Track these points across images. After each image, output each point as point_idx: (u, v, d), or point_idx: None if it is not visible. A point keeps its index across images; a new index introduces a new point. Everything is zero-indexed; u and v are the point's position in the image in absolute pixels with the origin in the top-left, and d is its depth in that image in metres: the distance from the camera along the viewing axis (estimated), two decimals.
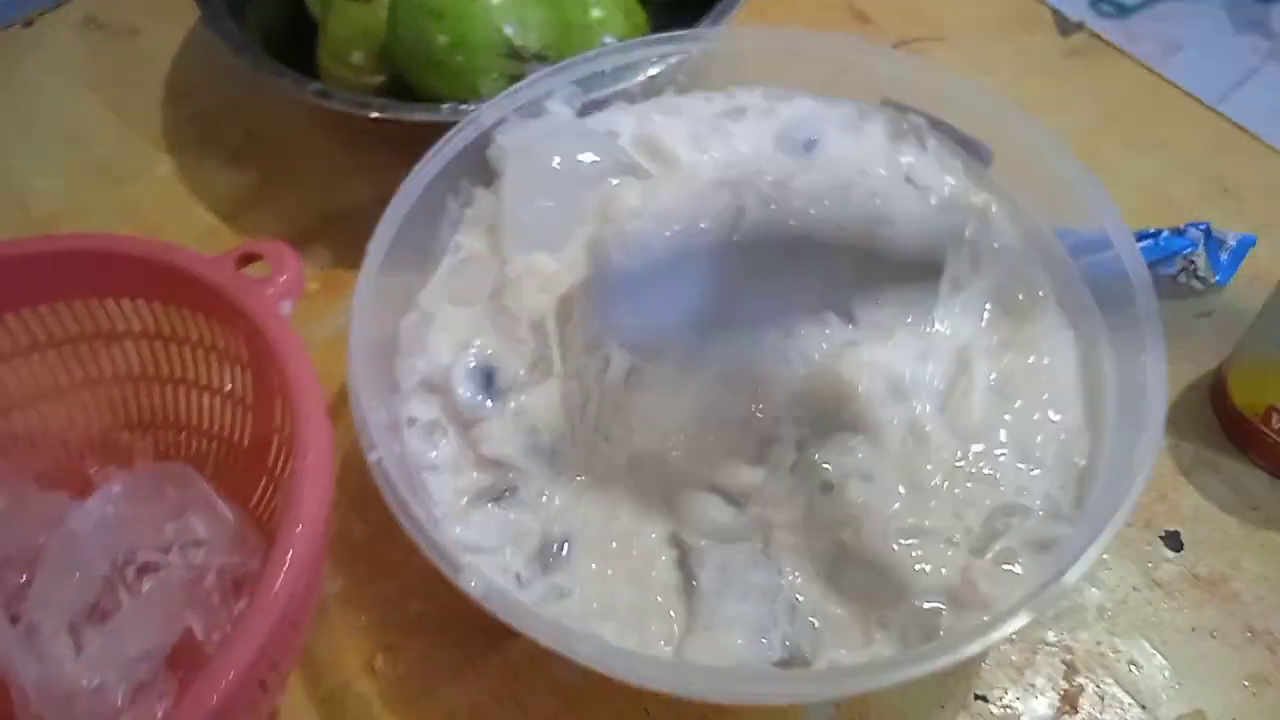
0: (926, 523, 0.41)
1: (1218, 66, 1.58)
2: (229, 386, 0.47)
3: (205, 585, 0.44)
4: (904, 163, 0.51)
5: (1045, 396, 0.45)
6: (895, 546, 0.40)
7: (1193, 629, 0.47)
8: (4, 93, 0.69)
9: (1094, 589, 0.48)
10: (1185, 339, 0.55)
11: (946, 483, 0.42)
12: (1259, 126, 0.65)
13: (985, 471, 0.43)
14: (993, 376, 0.45)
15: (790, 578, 0.41)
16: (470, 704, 0.45)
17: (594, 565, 0.43)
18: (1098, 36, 0.69)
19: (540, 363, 0.45)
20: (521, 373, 0.45)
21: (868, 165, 0.50)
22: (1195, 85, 0.67)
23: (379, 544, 0.49)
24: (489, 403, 0.45)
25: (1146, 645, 0.46)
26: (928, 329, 0.45)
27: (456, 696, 0.45)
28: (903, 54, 0.63)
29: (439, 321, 0.47)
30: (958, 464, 0.43)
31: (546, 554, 0.43)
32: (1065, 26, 0.70)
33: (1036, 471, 0.43)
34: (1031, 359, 0.46)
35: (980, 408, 0.44)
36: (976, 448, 0.43)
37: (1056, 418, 0.45)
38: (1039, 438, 0.44)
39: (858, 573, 0.41)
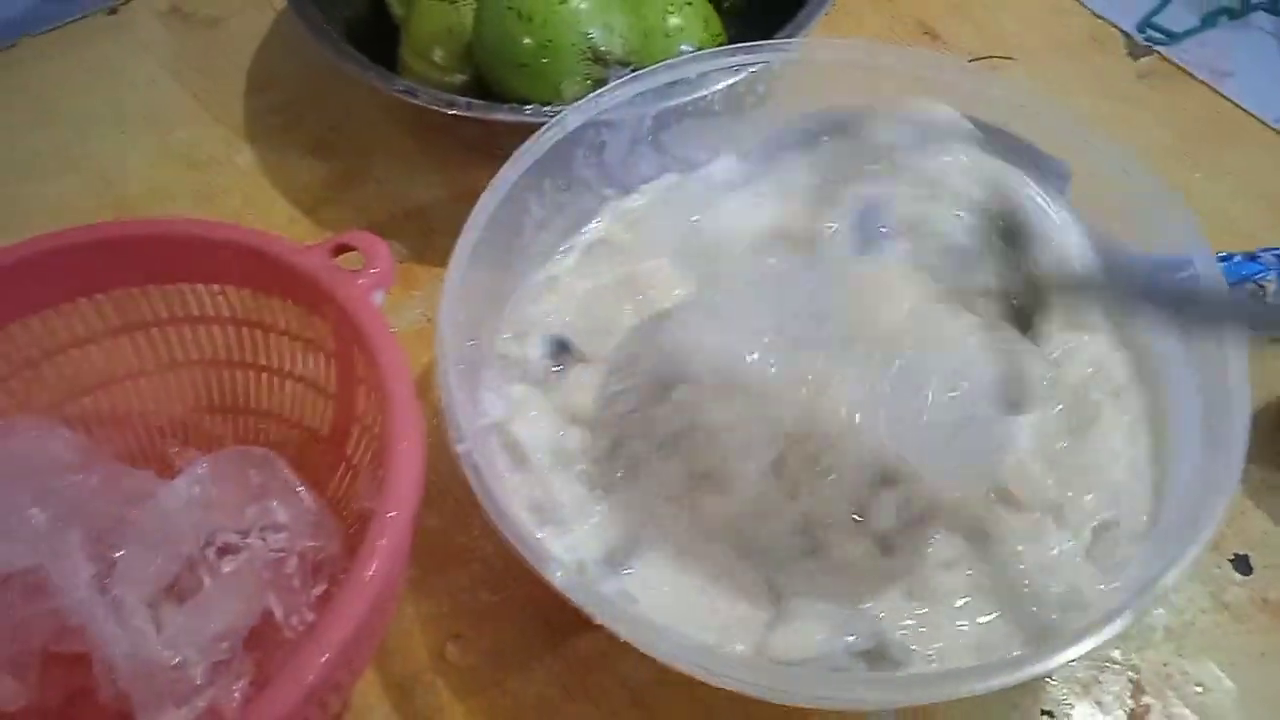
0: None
1: (1268, 92, 1.58)
2: (313, 375, 0.48)
3: (286, 569, 0.45)
4: None
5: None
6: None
7: (1262, 654, 0.47)
8: (89, 77, 0.70)
9: (1161, 610, 0.48)
10: (1256, 363, 0.55)
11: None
12: None
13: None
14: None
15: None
16: (538, 695, 0.46)
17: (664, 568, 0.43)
18: (1168, 60, 0.70)
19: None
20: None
21: None
22: (1266, 101, 0.67)
23: (451, 533, 0.50)
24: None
25: (1214, 668, 0.46)
26: None
27: (524, 688, 0.46)
28: (979, 68, 0.63)
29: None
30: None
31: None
32: (1136, 50, 0.70)
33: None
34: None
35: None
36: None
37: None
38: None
39: None
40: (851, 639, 0.40)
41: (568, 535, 0.45)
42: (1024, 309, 0.45)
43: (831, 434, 0.41)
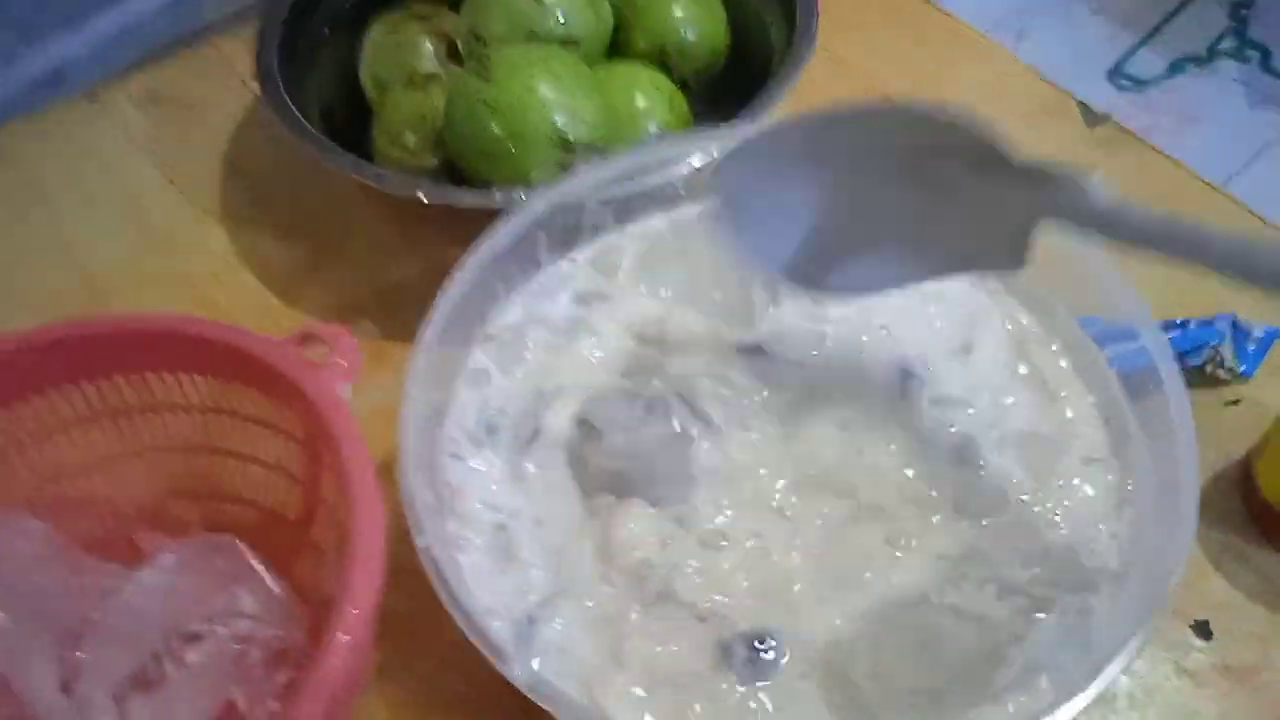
0: None
1: (1233, 141, 1.60)
2: (279, 460, 0.49)
3: (250, 657, 0.45)
4: None
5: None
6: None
7: (1223, 718, 0.47)
8: (68, 163, 0.71)
9: (1124, 677, 0.48)
10: (1213, 428, 0.56)
11: None
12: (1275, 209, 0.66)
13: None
14: None
15: None
16: None
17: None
18: (1124, 129, 0.71)
19: None
20: None
21: None
22: (1209, 158, 0.68)
23: (419, 619, 0.49)
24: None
25: None
26: None
27: None
28: None
29: None
30: None
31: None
32: (1091, 119, 0.71)
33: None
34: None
35: None
36: None
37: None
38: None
39: None
40: None
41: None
42: None
43: None
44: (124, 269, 0.66)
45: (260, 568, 0.47)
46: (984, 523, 0.45)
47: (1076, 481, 0.47)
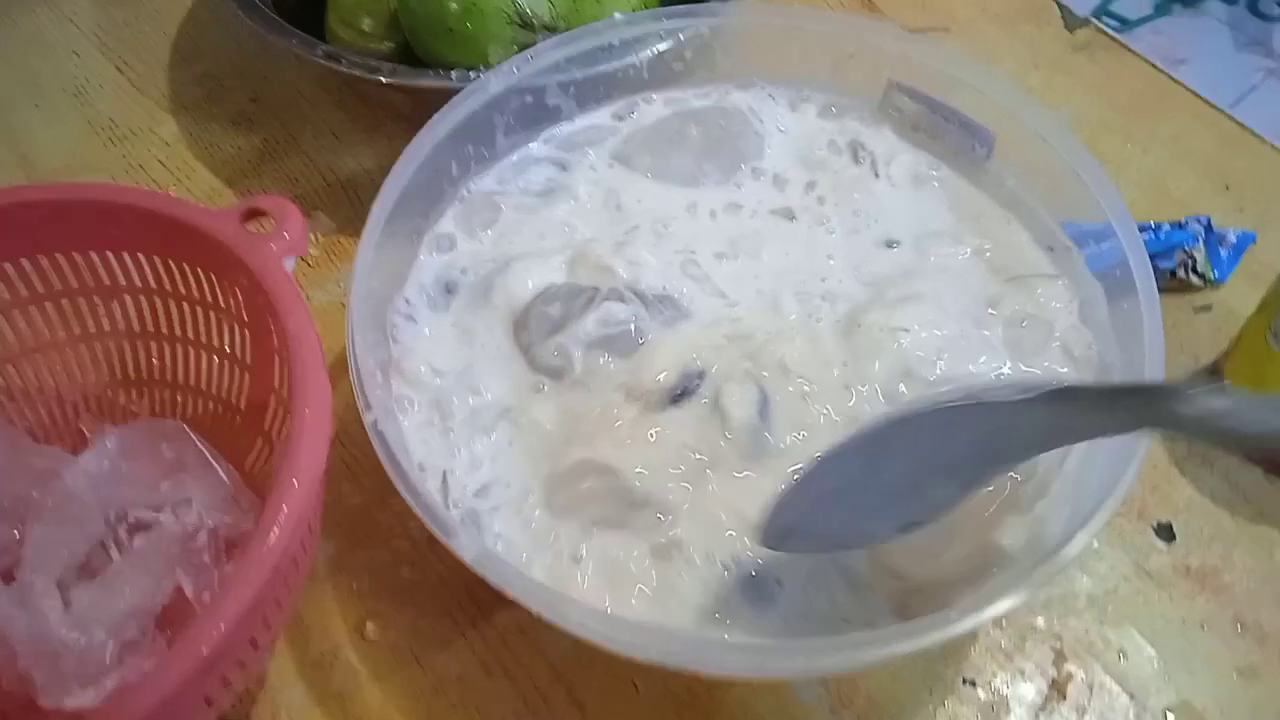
0: None
1: (1219, 83, 1.59)
2: (228, 346, 0.47)
3: (197, 544, 0.44)
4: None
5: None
6: None
7: (1183, 620, 0.47)
8: (10, 50, 0.69)
9: (1085, 577, 0.48)
10: (1183, 333, 0.55)
11: None
12: (1264, 127, 0.65)
13: None
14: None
15: None
16: (459, 672, 0.45)
17: None
18: (1104, 33, 0.70)
19: None
20: None
21: None
22: (1212, 81, 0.67)
23: (372, 510, 0.49)
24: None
25: (1136, 635, 0.46)
26: None
27: (445, 665, 0.45)
28: (911, 34, 0.62)
29: None
30: None
31: None
32: (1071, 22, 0.70)
33: None
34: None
35: None
36: None
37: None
38: None
39: None
40: None
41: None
42: None
43: None
44: (70, 158, 0.63)
45: (208, 454, 0.45)
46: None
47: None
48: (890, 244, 0.49)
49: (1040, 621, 0.47)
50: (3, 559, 0.43)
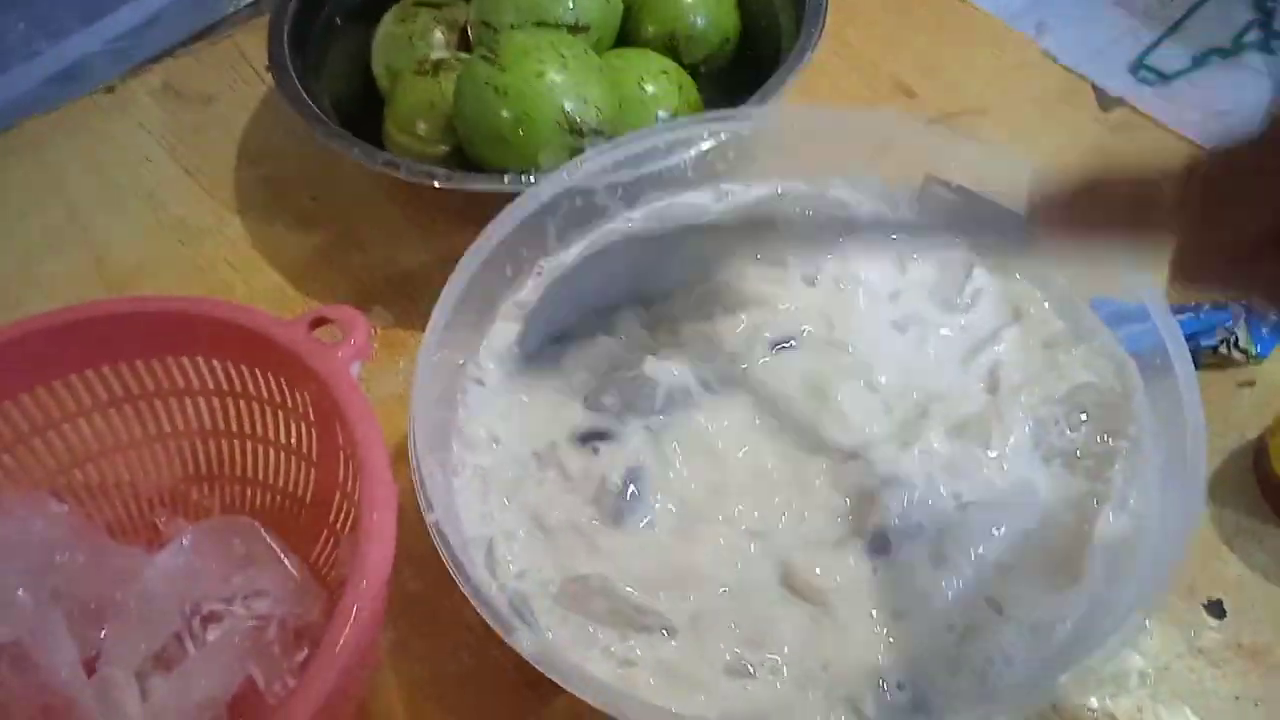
0: None
1: None
2: (295, 443, 0.49)
3: (267, 636, 0.46)
4: None
5: None
6: None
7: (1236, 698, 0.47)
8: (85, 155, 0.72)
9: (1137, 655, 0.48)
10: (1227, 408, 0.56)
11: None
12: None
13: None
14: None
15: None
16: None
17: None
18: (1138, 111, 0.71)
19: None
20: None
21: None
22: None
23: (432, 598, 0.50)
24: None
25: (1189, 713, 0.47)
26: None
27: None
28: (942, 128, 0.64)
29: None
30: None
31: None
32: (1106, 102, 0.71)
33: None
34: None
35: None
36: None
37: None
38: None
39: None
40: None
41: None
42: None
43: None
44: (141, 259, 0.67)
45: (277, 548, 0.47)
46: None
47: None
48: None
49: (1093, 701, 0.47)
50: (86, 652, 0.45)
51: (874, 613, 0.43)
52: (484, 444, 0.49)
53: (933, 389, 0.49)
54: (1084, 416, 0.48)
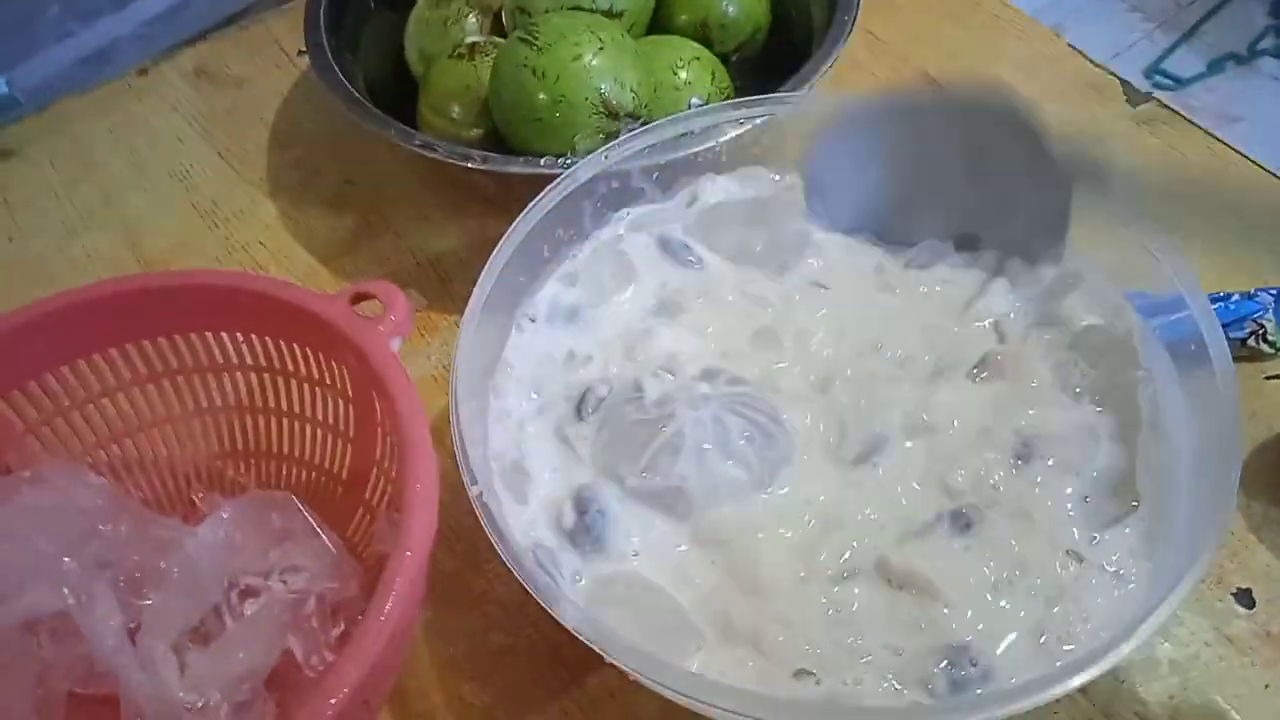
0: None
1: (1275, 138, 1.59)
2: (332, 419, 0.50)
3: (305, 610, 0.46)
4: None
5: None
6: None
7: (1266, 686, 0.47)
8: (120, 138, 0.73)
9: (1166, 643, 0.48)
10: (1255, 401, 0.56)
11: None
12: None
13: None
14: None
15: None
16: None
17: None
18: (1166, 106, 0.71)
19: None
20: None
21: None
22: (1255, 155, 0.68)
23: (466, 576, 0.51)
24: None
25: (1219, 700, 0.47)
26: None
27: None
28: None
29: None
30: None
31: None
32: (1134, 97, 0.71)
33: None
34: None
35: None
36: None
37: None
38: None
39: None
40: None
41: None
42: None
43: None
44: (174, 240, 0.67)
45: (314, 523, 0.48)
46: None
47: None
48: None
49: (1123, 690, 0.47)
50: (128, 625, 0.46)
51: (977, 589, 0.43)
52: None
53: (941, 345, 0.50)
54: (1098, 356, 0.49)
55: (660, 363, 0.50)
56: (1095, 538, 0.44)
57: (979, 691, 0.40)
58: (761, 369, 0.50)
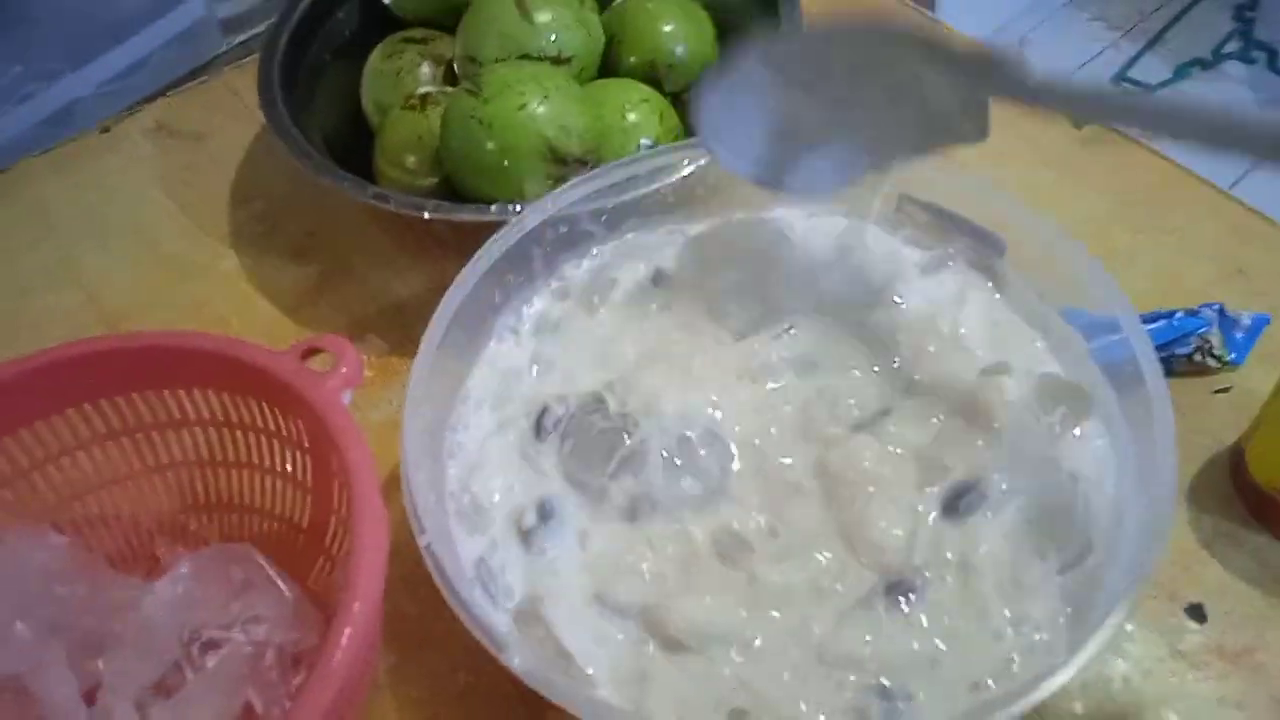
0: None
1: None
2: (290, 470, 0.50)
3: (265, 661, 0.46)
4: None
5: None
6: None
7: (1219, 700, 0.48)
8: (81, 194, 0.74)
9: (1120, 660, 0.49)
10: (1203, 415, 0.57)
11: None
12: (1273, 210, 0.67)
13: None
14: None
15: None
16: None
17: None
18: (1109, 127, 0.72)
19: None
20: None
21: None
22: (1216, 163, 0.69)
23: (428, 620, 0.51)
24: None
25: (1173, 716, 0.47)
26: None
27: None
28: None
29: None
30: None
31: None
32: (1079, 119, 0.72)
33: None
34: None
35: None
36: None
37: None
38: None
39: None
40: None
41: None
42: None
43: None
44: (136, 295, 0.68)
45: (274, 574, 0.48)
46: None
47: None
48: None
49: (1078, 706, 0.48)
50: (86, 684, 0.46)
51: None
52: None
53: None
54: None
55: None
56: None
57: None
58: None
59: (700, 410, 0.50)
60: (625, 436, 0.48)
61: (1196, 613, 0.51)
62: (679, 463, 0.48)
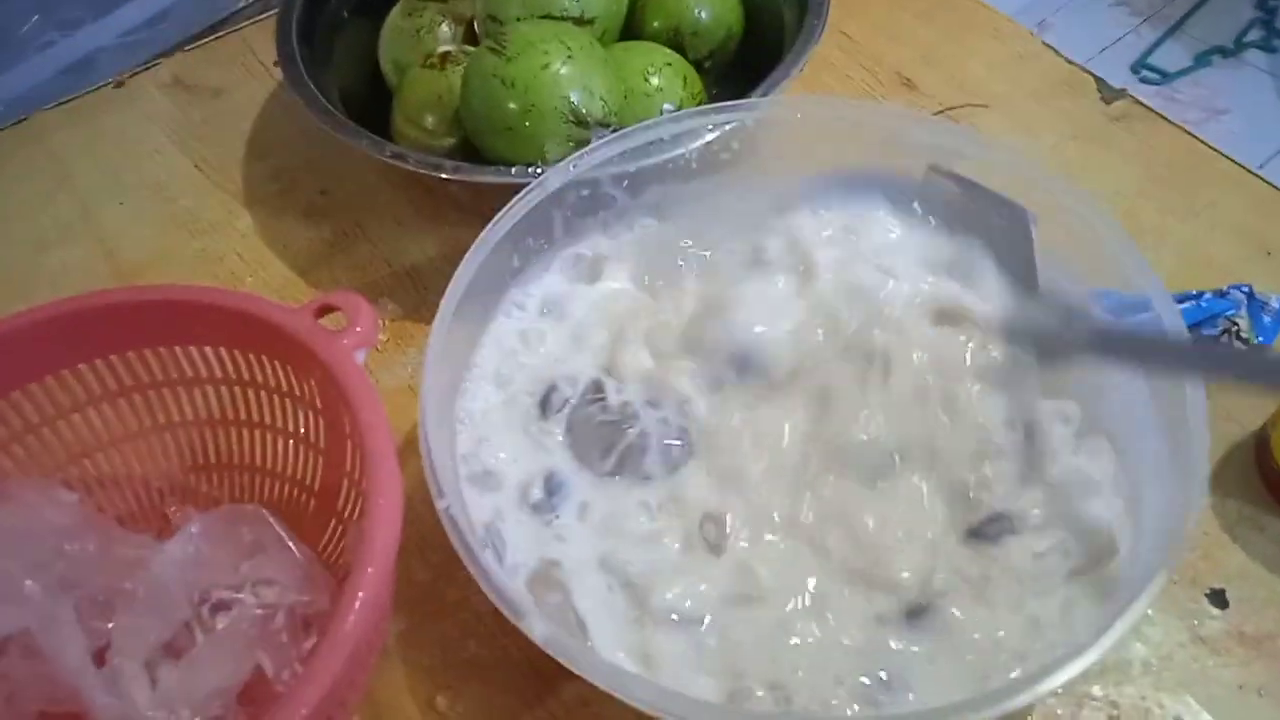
0: None
1: (1261, 131, 1.59)
2: (302, 431, 0.50)
3: (275, 624, 0.46)
4: None
5: None
6: None
7: (1239, 686, 0.47)
8: (96, 149, 0.73)
9: (1139, 644, 0.48)
10: (1229, 399, 0.56)
11: None
12: None
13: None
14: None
15: None
16: None
17: None
18: (1139, 103, 0.71)
19: None
20: None
21: None
22: (1238, 149, 0.68)
23: (440, 586, 0.51)
24: None
25: (1192, 701, 0.47)
26: None
27: None
28: (947, 123, 0.65)
29: None
30: None
31: None
32: (1108, 93, 0.71)
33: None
34: None
35: None
36: None
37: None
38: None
39: None
40: None
41: None
42: None
43: None
44: (150, 251, 0.67)
45: (285, 536, 0.47)
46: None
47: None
48: None
49: (1096, 689, 0.47)
50: (96, 643, 0.45)
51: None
52: None
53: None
54: None
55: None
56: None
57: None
58: None
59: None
60: (625, 430, 0.48)
61: (1218, 598, 0.50)
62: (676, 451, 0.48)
